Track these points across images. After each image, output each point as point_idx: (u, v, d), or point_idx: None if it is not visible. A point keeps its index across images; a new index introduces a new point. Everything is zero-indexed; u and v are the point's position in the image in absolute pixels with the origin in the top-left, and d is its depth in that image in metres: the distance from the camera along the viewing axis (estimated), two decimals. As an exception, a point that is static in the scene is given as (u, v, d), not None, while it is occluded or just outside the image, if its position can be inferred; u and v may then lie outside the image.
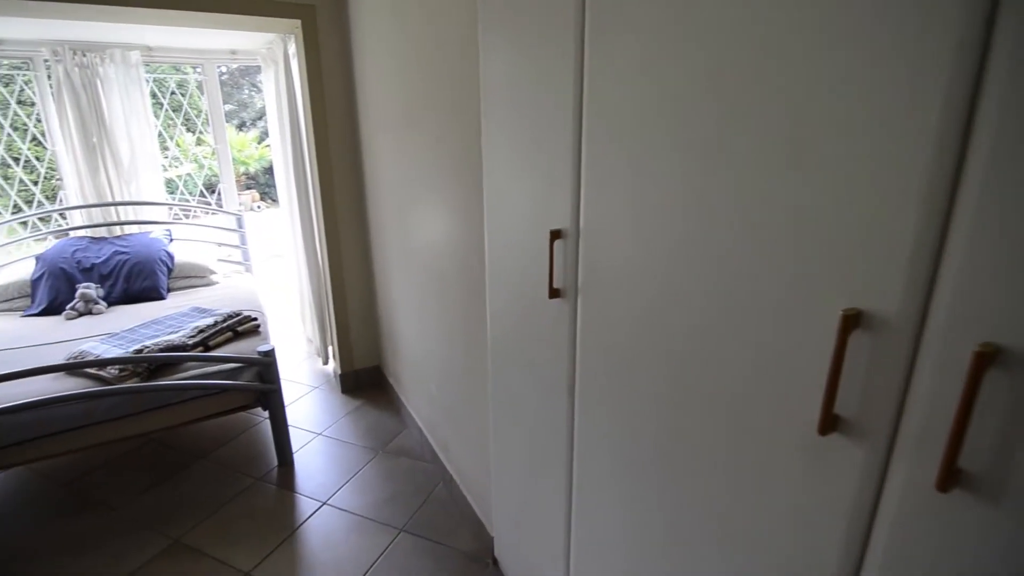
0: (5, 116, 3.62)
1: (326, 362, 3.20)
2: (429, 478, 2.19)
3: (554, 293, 1.04)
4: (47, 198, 3.77)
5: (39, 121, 3.39)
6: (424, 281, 1.99)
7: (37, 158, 3.62)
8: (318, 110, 2.52)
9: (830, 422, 0.57)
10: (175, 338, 2.17)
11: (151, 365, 2.01)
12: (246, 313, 2.48)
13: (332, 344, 3.02)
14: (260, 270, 3.87)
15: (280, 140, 3.04)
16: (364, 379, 2.98)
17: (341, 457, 2.37)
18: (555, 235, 1.00)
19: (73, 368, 1.96)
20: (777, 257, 0.61)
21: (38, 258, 2.98)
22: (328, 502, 2.08)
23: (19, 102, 3.53)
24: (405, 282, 2.25)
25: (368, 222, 2.71)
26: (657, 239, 0.78)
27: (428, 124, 1.71)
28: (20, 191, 3.63)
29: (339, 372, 2.94)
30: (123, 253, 3.04)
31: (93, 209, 3.29)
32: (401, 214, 2.15)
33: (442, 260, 1.77)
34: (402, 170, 2.04)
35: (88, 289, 2.80)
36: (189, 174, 4.37)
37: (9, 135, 3.63)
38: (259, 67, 3.34)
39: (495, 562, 1.72)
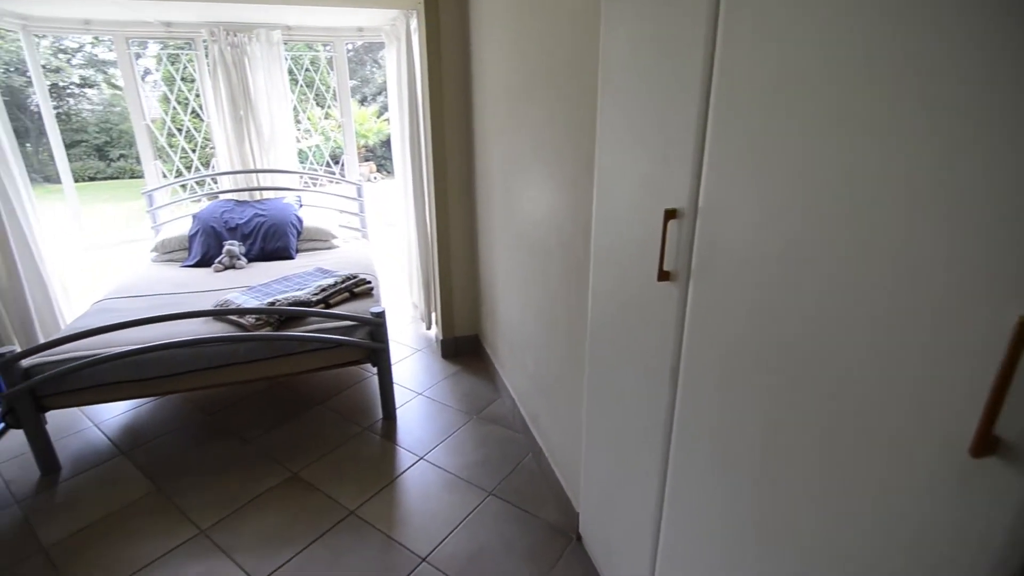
0: (171, 91, 4.14)
1: (429, 327, 3.37)
2: (519, 448, 2.25)
3: (664, 276, 1.00)
4: (203, 164, 4.29)
5: (198, 96, 3.84)
6: (527, 256, 2.01)
7: (195, 129, 4.12)
8: (435, 84, 2.60)
9: (987, 444, 0.49)
10: (301, 294, 2.40)
11: (281, 317, 2.25)
12: (362, 276, 2.68)
13: (435, 311, 3.17)
14: (375, 237, 4.14)
15: (398, 114, 3.19)
16: (463, 346, 3.10)
17: (438, 417, 2.50)
18: (669, 215, 0.96)
19: (219, 314, 2.25)
20: (939, 249, 0.53)
21: (194, 217, 3.42)
22: (425, 457, 2.22)
23: (183, 79, 4.02)
24: (507, 256, 2.29)
25: (475, 195, 2.78)
26: (787, 223, 0.71)
27: (540, 99, 1.70)
28: (182, 158, 4.17)
29: (440, 338, 3.09)
30: (261, 216, 3.39)
31: (238, 175, 3.69)
32: (507, 189, 2.18)
33: (546, 236, 1.77)
34: (511, 145, 2.06)
35: (232, 246, 3.17)
36: (317, 146, 4.73)
37: (174, 108, 4.16)
38: (382, 44, 3.50)
39: (579, 538, 1.74)
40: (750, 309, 0.80)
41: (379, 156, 13.81)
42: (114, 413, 2.61)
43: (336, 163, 4.54)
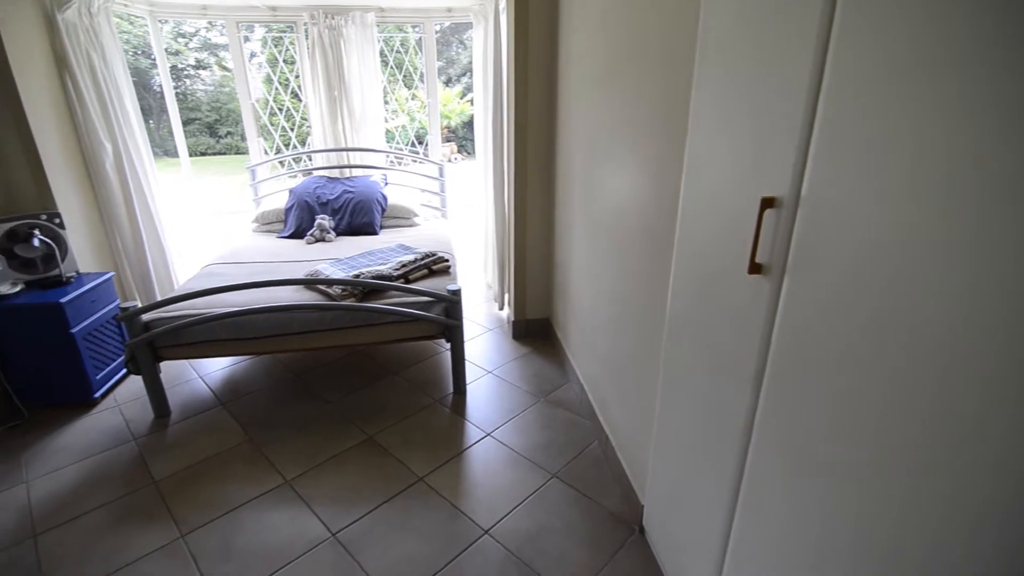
0: (274, 72, 4.42)
1: (501, 308, 3.42)
2: (585, 433, 2.24)
3: (755, 268, 0.95)
4: (300, 142, 4.56)
5: (297, 77, 4.07)
6: (605, 240, 1.98)
7: (294, 109, 4.38)
8: (521, 64, 2.59)
9: None
10: (384, 269, 2.51)
11: (365, 289, 2.36)
12: (440, 254, 2.75)
13: (509, 292, 3.21)
14: (454, 217, 4.23)
15: (483, 95, 3.21)
16: (534, 328, 3.12)
17: (506, 397, 2.54)
18: (767, 203, 0.90)
19: (310, 283, 2.40)
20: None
21: (291, 192, 3.66)
22: (491, 434, 2.27)
23: (284, 61, 4.26)
24: (584, 240, 2.26)
25: (555, 177, 2.76)
26: (905, 217, 0.65)
27: (629, 79, 1.64)
28: (281, 136, 4.45)
29: (512, 319, 3.13)
30: (350, 192, 3.56)
31: (330, 153, 3.89)
32: (588, 172, 2.14)
33: (627, 221, 1.73)
34: (595, 127, 2.02)
35: (323, 220, 3.36)
36: (403, 126, 4.89)
37: (276, 89, 4.43)
38: (469, 24, 3.53)
39: (642, 530, 1.72)
40: (855, 310, 0.74)
41: (460, 137, 14.03)
42: (216, 368, 2.88)
43: (420, 143, 4.66)
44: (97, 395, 2.55)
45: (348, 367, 2.86)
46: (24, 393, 2.46)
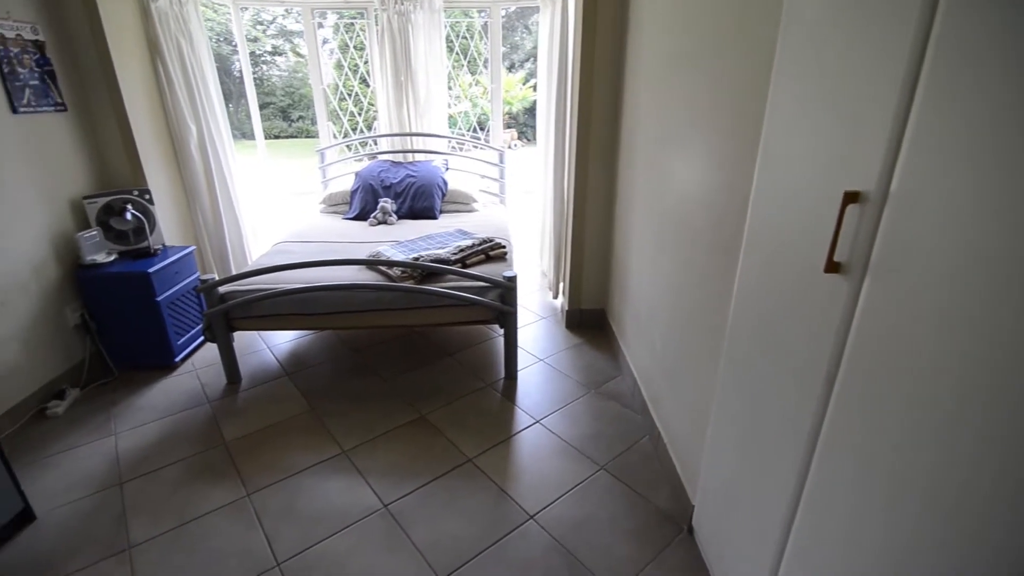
0: (345, 58, 4.55)
1: (556, 296, 3.40)
2: (636, 428, 2.21)
3: (832, 267, 0.89)
4: (366, 127, 4.69)
5: (366, 62, 4.17)
6: (667, 232, 1.92)
7: (362, 94, 4.50)
8: (587, 50, 2.53)
9: None
10: (442, 253, 2.55)
11: (423, 272, 2.41)
12: (498, 240, 2.77)
13: (564, 281, 3.19)
14: (512, 203, 4.24)
15: (547, 81, 3.18)
16: (588, 319, 3.09)
17: (557, 385, 2.54)
18: (850, 198, 0.84)
19: (371, 264, 2.48)
20: None
21: (356, 175, 3.77)
22: (541, 421, 2.28)
23: (355, 47, 4.38)
24: (646, 231, 2.21)
25: (617, 166, 2.70)
26: (1013, 221, 0.59)
27: (702, 66, 1.58)
28: (349, 120, 4.59)
29: (566, 308, 3.11)
30: (412, 177, 3.64)
31: (395, 138, 3.98)
32: (653, 162, 2.08)
33: (693, 213, 1.67)
34: (662, 115, 1.95)
35: (386, 203, 3.45)
36: (465, 112, 4.92)
37: (346, 74, 4.57)
38: (536, 8, 3.48)
39: (690, 530, 1.68)
40: (946, 317, 0.68)
41: (521, 123, 13.99)
42: (283, 340, 3.04)
43: (481, 129, 4.69)
44: (177, 359, 2.76)
45: (404, 346, 2.94)
46: (114, 354, 2.70)
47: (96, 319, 2.64)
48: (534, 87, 13.34)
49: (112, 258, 2.66)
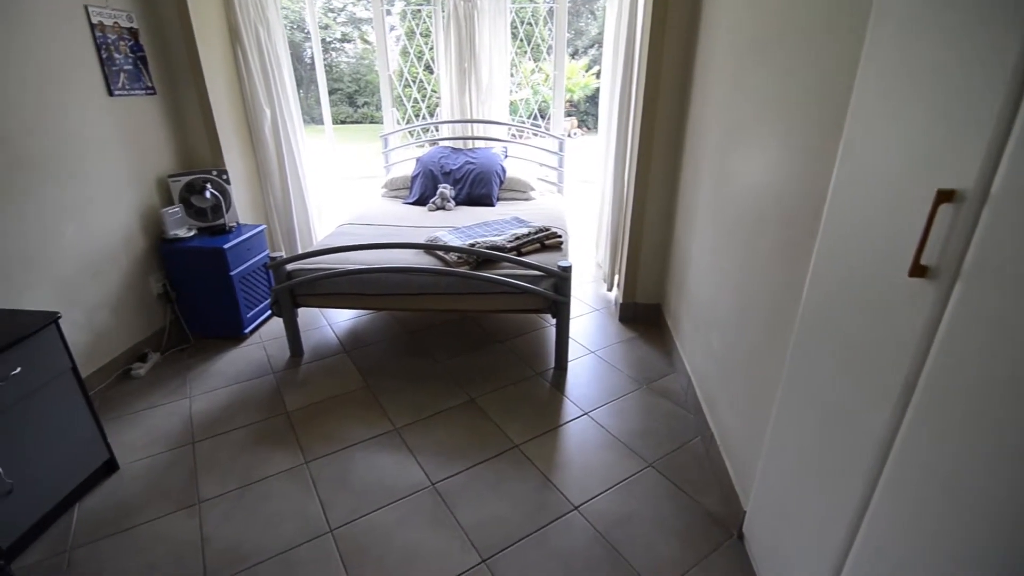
0: (411, 44, 4.61)
1: (610, 289, 3.35)
2: (687, 428, 2.15)
3: (918, 270, 0.82)
4: (428, 113, 4.76)
5: (431, 49, 4.22)
6: (733, 228, 1.84)
7: (426, 81, 4.56)
8: (656, 36, 2.45)
9: None
10: (498, 240, 2.56)
11: (479, 258, 2.44)
12: (554, 229, 2.75)
13: (619, 273, 3.13)
14: (569, 192, 4.19)
15: (612, 68, 3.11)
16: (642, 313, 3.03)
17: (607, 379, 2.51)
18: (943, 196, 0.78)
19: (429, 248, 2.52)
20: None
21: (417, 160, 3.84)
22: (589, 413, 2.26)
23: (421, 34, 4.43)
24: (709, 226, 2.13)
25: (682, 157, 2.61)
26: None
27: (780, 53, 1.49)
28: (412, 107, 4.67)
29: (620, 301, 3.06)
30: (472, 163, 3.66)
31: (456, 124, 4.01)
32: (721, 153, 1.99)
33: (762, 208, 1.59)
34: (734, 105, 1.86)
35: (445, 189, 3.50)
36: (526, 99, 4.90)
37: (412, 61, 4.64)
38: (605, -7, 3.40)
39: (740, 536, 1.63)
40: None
41: (582, 111, 13.78)
42: (343, 318, 3.16)
43: (542, 117, 4.65)
44: (246, 331, 2.93)
45: (457, 331, 2.99)
46: (191, 323, 2.90)
47: (176, 289, 2.85)
48: (597, 74, 13.09)
49: (192, 233, 2.85)
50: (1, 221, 2.01)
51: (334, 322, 3.12)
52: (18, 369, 1.58)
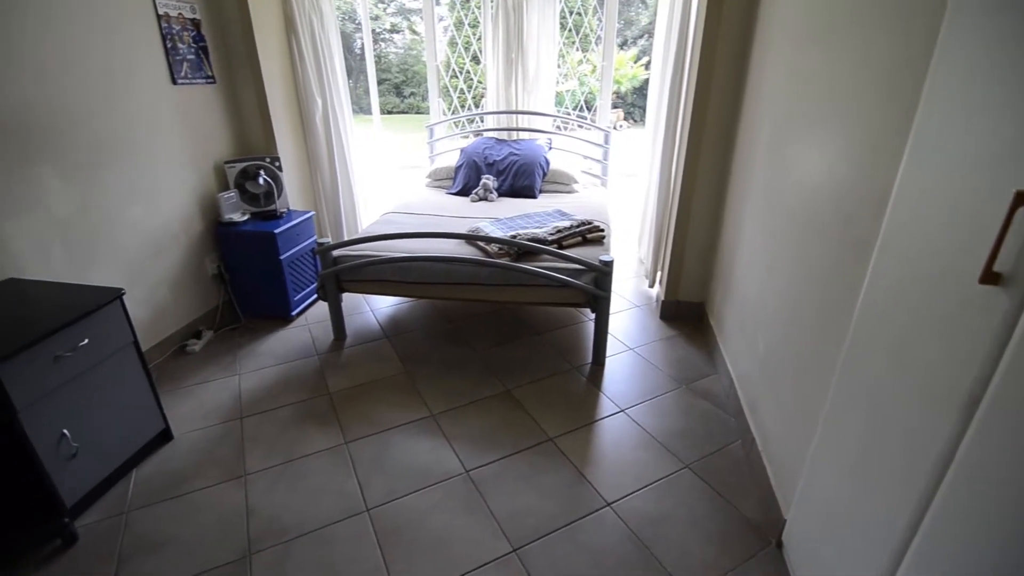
0: (459, 35, 4.63)
1: (652, 285, 3.29)
2: (727, 431, 2.10)
3: (990, 278, 0.77)
4: (474, 104, 4.77)
5: (479, 39, 4.22)
6: (784, 227, 1.77)
7: (472, 72, 4.57)
8: (712, 26, 2.37)
9: None
10: (540, 232, 2.55)
11: (519, 250, 2.43)
12: (596, 223, 2.72)
13: (662, 270, 3.07)
14: (613, 186, 4.13)
15: (662, 58, 3.03)
16: (684, 311, 2.96)
17: (646, 377, 2.47)
18: (1022, 199, 0.72)
19: (470, 239, 2.54)
20: None
21: (462, 151, 3.87)
22: (626, 411, 2.23)
23: (469, 24, 4.44)
24: (759, 224, 2.06)
25: (733, 153, 2.52)
26: None
27: (843, 43, 1.41)
28: (458, 97, 4.69)
29: (662, 298, 3.00)
30: (515, 155, 3.66)
31: (501, 115, 4.01)
32: (776, 148, 1.91)
33: (818, 208, 1.52)
34: (792, 97, 1.78)
35: (488, 180, 3.51)
36: (572, 90, 4.84)
37: (459, 51, 4.65)
38: (658, -19, 3.31)
39: (779, 545, 1.58)
40: None
41: (629, 103, 13.51)
42: (385, 304, 3.23)
43: (588, 109, 4.58)
44: (293, 313, 3.04)
45: (495, 321, 3.01)
46: (242, 303, 3.03)
47: (229, 271, 2.97)
48: (646, 65, 12.79)
49: (245, 218, 2.96)
50: (74, 201, 2.15)
51: (376, 308, 3.19)
52: (85, 341, 1.69)
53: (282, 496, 1.82)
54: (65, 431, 1.65)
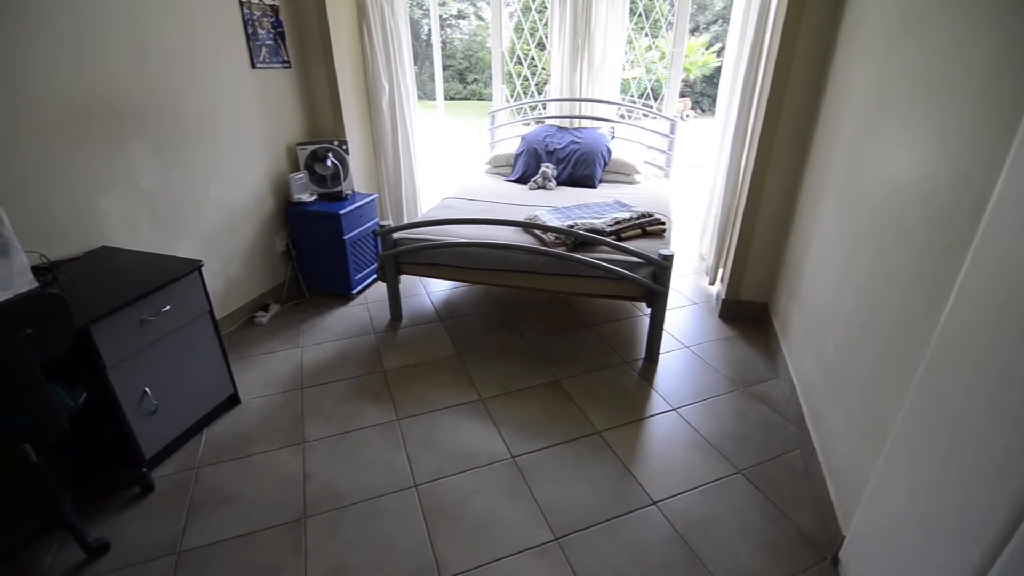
0: (525, 20, 4.59)
1: (712, 283, 3.18)
2: (786, 439, 2.01)
3: (1110, 291, 0.69)
4: (537, 91, 4.74)
5: (545, 25, 4.17)
6: (866, 227, 1.65)
7: (536, 58, 4.53)
8: (794, 10, 2.23)
9: None
10: (597, 223, 2.51)
11: (576, 240, 2.41)
12: (657, 215, 2.64)
13: (724, 267, 2.95)
14: (676, 177, 4.00)
15: (738, 45, 2.88)
16: (746, 312, 2.84)
17: (701, 376, 2.40)
18: None
19: (527, 227, 2.53)
20: None
21: (522, 138, 3.85)
22: (678, 410, 2.18)
23: (536, 9, 4.39)
24: (836, 223, 1.93)
25: (810, 148, 2.38)
26: None
27: (943, 31, 1.29)
28: (521, 84, 4.67)
29: (723, 297, 2.89)
30: (576, 143, 3.61)
31: (564, 103, 3.96)
32: (859, 143, 1.78)
33: (903, 207, 1.41)
34: (881, 89, 1.65)
35: (547, 168, 3.48)
36: (637, 78, 4.70)
37: (524, 38, 4.62)
38: (737, -37, 3.14)
39: (835, 561, 1.50)
40: None
41: (697, 92, 13.00)
42: (440, 288, 3.30)
43: (655, 97, 4.45)
44: (354, 292, 3.15)
45: (548, 311, 3.00)
46: (307, 279, 3.17)
47: (296, 248, 3.12)
48: (718, 52, 12.22)
49: (313, 198, 3.09)
50: (160, 177, 2.31)
51: (432, 291, 3.26)
52: (167, 307, 1.82)
53: (337, 465, 1.90)
54: (147, 389, 1.79)
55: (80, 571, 1.53)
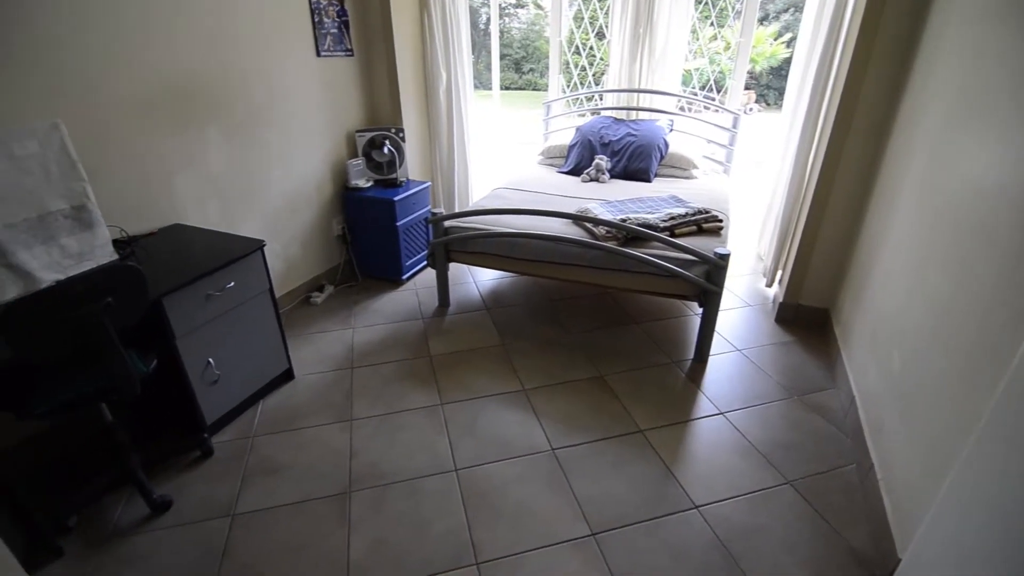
0: (586, 8, 4.51)
1: (770, 285, 3.05)
2: (841, 452, 1.91)
3: None
4: (594, 81, 4.65)
5: (606, 14, 4.08)
6: (946, 233, 1.54)
7: (595, 47, 4.44)
8: (876, -3, 2.08)
9: None
10: (651, 218, 2.46)
11: (628, 234, 2.36)
12: (714, 212, 2.56)
13: (783, 269, 2.83)
14: (737, 174, 3.84)
15: (811, 35, 2.73)
16: (805, 317, 2.71)
17: (752, 381, 2.31)
18: None
19: (579, 220, 2.51)
20: None
21: (577, 129, 3.80)
22: (725, 414, 2.11)
23: (597, -2, 4.30)
24: (911, 228, 1.81)
25: (886, 147, 2.23)
26: None
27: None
28: (579, 74, 4.59)
29: (780, 300, 2.76)
30: (632, 136, 3.53)
31: (621, 93, 3.87)
32: (943, 143, 1.65)
33: (992, 213, 1.30)
34: (973, 83, 1.52)
35: (601, 160, 3.43)
36: (700, 68, 4.54)
37: (584, 27, 4.54)
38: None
39: (890, 584, 1.42)
40: None
41: (763, 85, 12.42)
42: (488, 277, 3.32)
43: (718, 90, 4.28)
44: (404, 277, 3.23)
45: (595, 305, 2.97)
46: (360, 263, 3.27)
47: (351, 232, 3.21)
48: (788, 43, 11.61)
49: (369, 184, 3.17)
50: (229, 160, 2.43)
51: (479, 280, 3.29)
52: (231, 284, 1.92)
53: (382, 444, 1.96)
54: (210, 360, 1.90)
55: (144, 525, 1.66)
